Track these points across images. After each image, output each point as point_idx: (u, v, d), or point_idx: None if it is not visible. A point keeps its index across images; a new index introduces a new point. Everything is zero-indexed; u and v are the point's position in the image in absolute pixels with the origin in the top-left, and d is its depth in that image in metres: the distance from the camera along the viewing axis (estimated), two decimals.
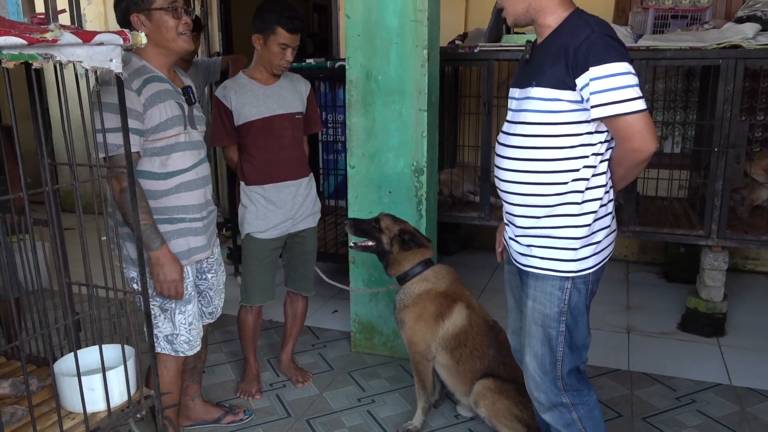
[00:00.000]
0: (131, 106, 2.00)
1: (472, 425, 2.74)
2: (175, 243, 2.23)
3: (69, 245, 2.14)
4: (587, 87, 1.72)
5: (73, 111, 1.81)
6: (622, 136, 1.76)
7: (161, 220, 2.18)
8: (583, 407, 1.99)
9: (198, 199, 2.28)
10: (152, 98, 2.08)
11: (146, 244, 2.08)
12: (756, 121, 4.47)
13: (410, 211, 3.17)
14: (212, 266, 2.44)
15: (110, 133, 1.96)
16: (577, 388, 2.00)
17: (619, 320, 3.86)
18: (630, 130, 1.72)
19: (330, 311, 4.03)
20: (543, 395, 2.00)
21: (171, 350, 2.28)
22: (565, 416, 1.99)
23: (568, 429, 2.00)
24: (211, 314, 2.50)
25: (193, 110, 2.26)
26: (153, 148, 2.13)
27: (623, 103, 1.69)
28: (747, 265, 4.76)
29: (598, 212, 1.87)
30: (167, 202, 2.20)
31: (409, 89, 3.04)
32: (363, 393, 3.04)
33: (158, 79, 2.12)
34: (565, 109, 1.79)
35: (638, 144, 1.74)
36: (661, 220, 3.83)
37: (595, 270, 1.92)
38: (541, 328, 1.95)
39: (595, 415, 2.01)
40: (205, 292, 2.44)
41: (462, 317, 2.59)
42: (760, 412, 2.82)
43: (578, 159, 1.83)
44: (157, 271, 2.13)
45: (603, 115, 1.72)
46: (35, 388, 2.03)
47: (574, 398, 1.99)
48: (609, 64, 1.69)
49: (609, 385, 3.06)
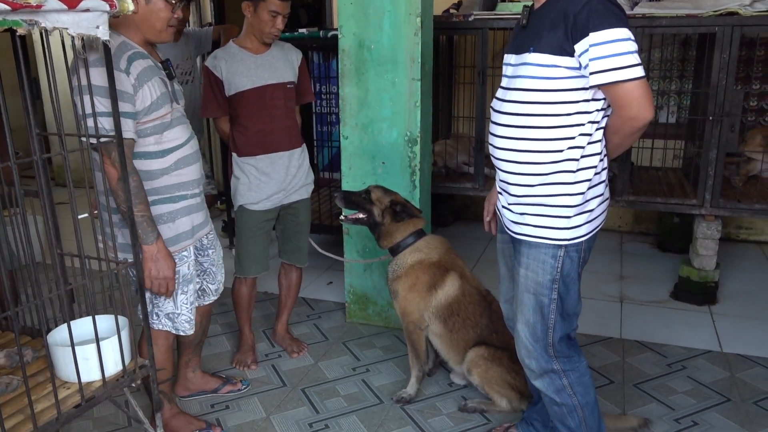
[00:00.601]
0: (122, 88, 1.95)
1: (465, 392, 2.78)
2: (179, 222, 2.21)
3: (61, 219, 2.14)
4: (586, 53, 1.70)
5: (63, 82, 1.79)
6: (619, 103, 1.74)
7: (164, 200, 2.16)
8: (574, 373, 2.02)
9: (195, 173, 2.26)
10: (141, 77, 2.02)
11: (141, 237, 2.03)
12: (751, 89, 4.45)
13: (404, 182, 3.16)
14: (213, 242, 2.43)
15: (101, 118, 1.91)
16: (568, 355, 2.02)
17: (612, 289, 3.89)
18: (628, 98, 1.71)
19: (325, 283, 4.05)
20: (534, 362, 2.02)
21: (172, 328, 2.28)
22: (555, 382, 2.02)
23: (559, 395, 2.02)
24: (216, 291, 2.50)
25: (174, 84, 2.22)
26: (146, 128, 2.08)
27: (622, 69, 1.67)
28: (740, 234, 4.79)
29: (593, 180, 1.87)
30: (167, 180, 2.16)
31: (402, 58, 3.01)
32: (358, 362, 3.07)
33: (141, 56, 2.05)
34: (563, 76, 1.77)
35: (635, 112, 1.72)
36: (655, 190, 3.84)
37: (588, 238, 1.92)
38: (533, 296, 1.96)
39: (585, 381, 2.04)
40: (209, 270, 2.44)
41: (455, 287, 2.60)
42: (750, 378, 2.86)
43: (574, 127, 1.82)
44: (150, 266, 2.07)
45: (601, 82, 1.70)
46: (30, 359, 2.05)
47: (564, 365, 2.01)
48: (609, 30, 1.67)
49: (602, 353, 3.10)
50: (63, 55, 1.75)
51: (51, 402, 1.81)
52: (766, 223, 4.69)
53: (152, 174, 2.12)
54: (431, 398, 2.75)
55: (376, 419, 2.60)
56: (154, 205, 2.12)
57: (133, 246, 1.96)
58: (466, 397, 2.73)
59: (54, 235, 2.03)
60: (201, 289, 2.45)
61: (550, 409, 2.09)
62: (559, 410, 2.05)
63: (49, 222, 1.96)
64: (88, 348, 1.87)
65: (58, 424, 1.76)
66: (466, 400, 2.70)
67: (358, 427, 2.55)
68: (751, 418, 2.56)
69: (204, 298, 2.47)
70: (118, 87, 1.92)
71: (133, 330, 2.03)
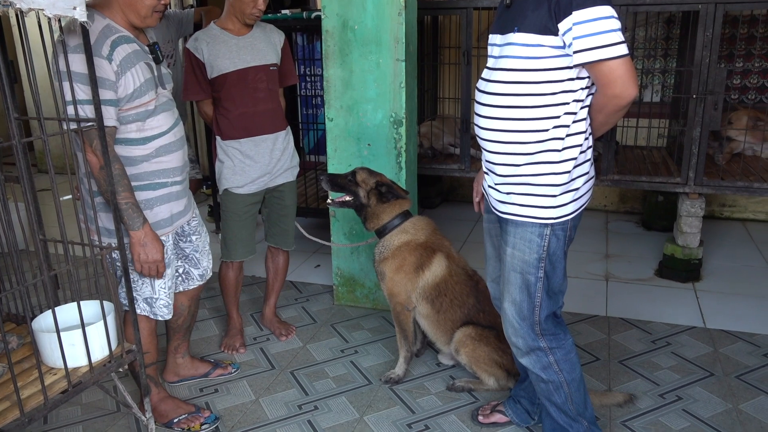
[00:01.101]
0: (103, 75, 1.92)
1: (453, 372, 2.80)
2: (158, 210, 2.19)
3: (44, 206, 2.11)
4: (570, 32, 1.69)
5: (41, 65, 1.76)
6: (603, 82, 1.74)
7: (143, 187, 2.14)
8: (560, 351, 2.04)
9: (178, 161, 2.24)
10: (124, 63, 1.98)
11: (127, 224, 2.02)
12: (735, 67, 4.47)
13: (390, 164, 3.15)
14: (196, 228, 2.41)
15: (82, 106, 1.88)
16: (554, 333, 2.04)
17: (597, 268, 3.92)
18: (611, 76, 1.71)
19: (312, 266, 4.05)
20: (521, 340, 2.04)
21: (150, 313, 2.28)
22: (542, 360, 2.04)
23: (546, 372, 2.05)
24: (201, 276, 2.49)
25: (161, 69, 2.19)
26: (128, 116, 2.05)
27: (606, 48, 1.67)
28: (723, 212, 4.84)
29: (578, 159, 1.88)
30: (148, 167, 2.14)
31: (386, 39, 2.99)
32: (346, 344, 3.08)
33: (126, 40, 2.01)
34: (547, 55, 1.77)
35: (619, 90, 1.73)
36: (640, 169, 3.86)
37: (574, 216, 1.93)
38: (519, 275, 1.97)
39: (571, 358, 2.06)
40: (191, 255, 2.43)
41: (441, 268, 2.61)
42: (732, 353, 2.90)
43: (559, 106, 1.82)
44: (138, 250, 2.07)
45: (585, 60, 1.70)
46: (15, 346, 2.03)
47: (551, 342, 2.03)
48: (593, 8, 1.67)
49: (587, 331, 3.13)
50: (40, 38, 1.72)
51: (37, 388, 1.81)
52: (748, 200, 4.75)
53: (132, 160, 2.10)
54: (419, 378, 2.77)
55: (365, 400, 2.62)
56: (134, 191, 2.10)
57: (117, 231, 1.94)
58: (454, 377, 2.75)
59: (36, 221, 2.01)
60: (185, 272, 2.44)
61: (537, 386, 2.11)
62: (546, 387, 2.07)
63: (31, 207, 1.93)
64: (74, 333, 1.86)
65: (45, 409, 1.76)
66: (454, 379, 2.73)
67: (347, 407, 2.57)
68: (733, 392, 2.60)
69: (188, 282, 2.46)
70: (100, 74, 1.89)
71: (119, 315, 2.02)
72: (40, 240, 2.01)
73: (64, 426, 2.47)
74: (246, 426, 2.45)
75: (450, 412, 2.52)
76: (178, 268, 2.40)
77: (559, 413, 2.10)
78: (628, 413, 2.47)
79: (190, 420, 2.43)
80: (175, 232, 2.30)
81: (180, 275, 2.42)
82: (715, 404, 2.53)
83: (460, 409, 2.54)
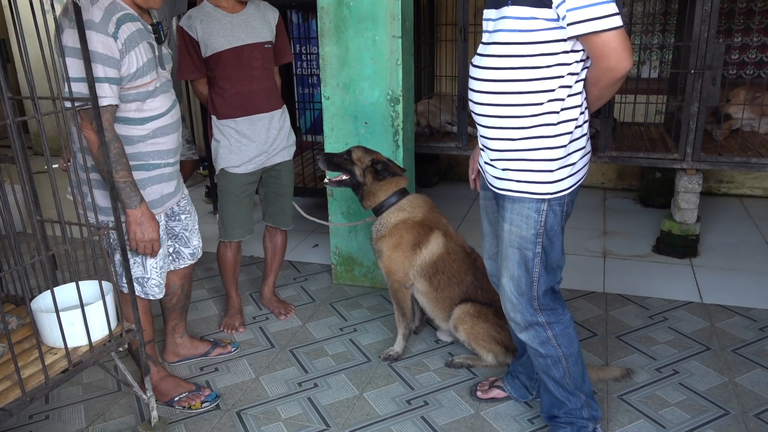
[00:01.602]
0: (108, 53, 1.91)
1: (451, 349, 2.82)
2: (149, 191, 2.19)
3: (41, 188, 2.10)
4: (564, 3, 1.67)
5: (33, 45, 1.74)
6: (597, 54, 1.73)
7: (137, 167, 2.13)
8: (558, 325, 2.05)
9: (173, 143, 2.23)
10: (128, 42, 1.97)
11: (125, 202, 2.03)
12: (733, 42, 4.44)
13: (387, 142, 3.14)
14: (185, 208, 2.42)
15: (81, 83, 1.87)
16: (552, 308, 2.04)
17: (595, 245, 3.93)
18: (606, 49, 1.69)
19: (311, 245, 4.05)
20: (519, 315, 2.05)
21: (141, 293, 2.28)
22: (540, 335, 2.05)
23: (544, 347, 2.06)
24: (192, 255, 2.49)
25: (162, 49, 2.17)
26: (128, 95, 2.04)
27: (600, 20, 1.66)
28: (721, 188, 4.84)
29: (574, 133, 1.87)
30: (143, 148, 2.14)
31: (382, 15, 2.96)
32: (345, 323, 3.09)
33: (130, 18, 1.99)
34: (541, 28, 1.75)
35: (614, 62, 1.71)
36: (637, 145, 3.85)
37: (571, 191, 1.93)
38: (517, 251, 1.98)
39: (569, 333, 2.07)
40: (180, 234, 2.43)
41: (439, 245, 2.61)
42: (729, 327, 2.93)
43: (554, 79, 1.80)
44: (134, 229, 2.08)
45: (579, 32, 1.68)
46: (15, 326, 2.04)
47: (549, 317, 2.04)
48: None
49: (585, 307, 3.15)
50: (32, 17, 1.70)
51: (38, 368, 1.82)
52: (746, 176, 4.75)
53: (129, 140, 2.10)
54: (418, 355, 2.79)
55: (365, 377, 2.63)
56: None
57: (114, 210, 1.94)
58: (453, 354, 2.77)
59: (33, 201, 2.00)
60: (175, 251, 2.44)
61: (535, 360, 2.13)
62: (544, 362, 2.09)
63: (27, 188, 1.93)
64: (74, 313, 1.87)
65: (46, 388, 1.77)
66: (452, 356, 2.74)
67: (347, 384, 2.59)
68: (729, 366, 2.63)
69: (179, 261, 2.47)
70: (106, 52, 1.89)
71: (117, 294, 2.03)
72: (37, 221, 2.00)
73: (66, 405, 2.48)
74: (246, 404, 2.47)
75: (449, 388, 2.54)
76: (169, 248, 2.40)
77: (557, 387, 2.12)
78: (626, 387, 2.50)
79: (191, 398, 2.45)
80: (164, 212, 2.30)
81: (170, 254, 2.43)
82: (711, 378, 2.55)
83: (459, 385, 2.56)
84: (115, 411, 2.45)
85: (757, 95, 3.93)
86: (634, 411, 2.36)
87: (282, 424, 2.35)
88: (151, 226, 2.10)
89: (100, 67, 1.89)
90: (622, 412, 2.36)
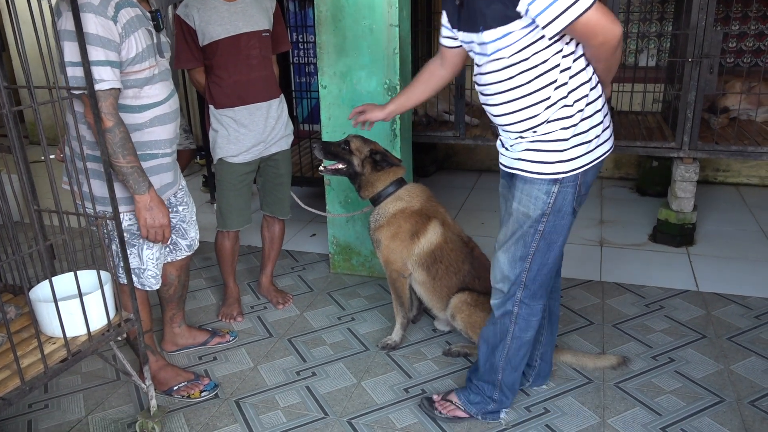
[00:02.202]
0: (109, 36, 1.90)
1: (449, 338, 2.83)
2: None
3: (38, 178, 2.10)
4: (530, 11, 1.71)
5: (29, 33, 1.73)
6: (586, 36, 1.76)
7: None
8: (526, 308, 2.08)
9: (170, 133, 2.23)
10: (128, 26, 1.96)
11: (133, 188, 2.02)
12: (730, 30, 4.43)
13: (384, 131, 3.14)
14: (183, 199, 2.41)
15: (86, 67, 1.85)
16: (533, 292, 2.07)
17: (592, 234, 3.94)
18: (590, 29, 1.72)
19: (308, 235, 4.05)
20: (506, 285, 2.08)
21: (138, 283, 2.28)
22: (506, 306, 2.10)
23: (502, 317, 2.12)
24: (189, 246, 2.49)
25: (160, 37, 2.16)
26: (126, 81, 2.03)
27: (571, 8, 1.68)
28: (717, 177, 4.85)
29: (585, 111, 1.88)
30: (141, 137, 2.12)
31: (380, 3, 2.94)
32: (343, 312, 3.10)
33: (129, 4, 1.99)
34: (521, 36, 1.79)
35: (603, 36, 1.74)
36: (634, 134, 3.85)
37: (586, 170, 1.94)
38: (518, 226, 2.01)
39: (531, 321, 2.10)
40: (178, 225, 2.43)
41: (437, 234, 2.62)
42: (724, 315, 2.94)
43: (552, 71, 1.83)
44: (144, 215, 2.07)
45: (558, 29, 1.71)
46: (13, 316, 2.04)
47: (525, 298, 2.07)
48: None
49: (581, 296, 3.16)
50: (28, 5, 1.69)
51: (37, 357, 1.82)
52: (742, 165, 4.76)
53: (127, 128, 2.08)
54: (416, 344, 2.80)
55: (362, 366, 2.65)
56: None
57: (112, 200, 1.93)
58: (450, 342, 2.78)
59: (30, 191, 2.00)
60: (173, 243, 2.44)
61: (488, 326, 2.19)
62: (493, 329, 2.16)
63: (24, 177, 1.92)
64: (72, 303, 1.87)
65: (45, 378, 1.78)
66: (450, 344, 2.76)
67: (345, 373, 2.60)
68: (725, 353, 2.65)
69: (176, 253, 2.47)
70: (106, 35, 1.89)
71: (115, 284, 2.03)
72: (35, 210, 2.00)
73: (65, 394, 2.49)
74: (245, 393, 2.49)
75: (446, 377, 2.56)
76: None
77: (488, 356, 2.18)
78: (622, 375, 2.51)
79: (190, 387, 2.46)
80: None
81: (167, 246, 2.43)
82: (707, 365, 2.57)
83: (456, 374, 2.57)
84: (114, 400, 2.46)
85: (753, 84, 3.93)
86: (630, 398, 2.38)
87: (281, 412, 2.36)
88: (161, 211, 2.10)
89: (101, 51, 1.88)
90: (618, 400, 2.37)
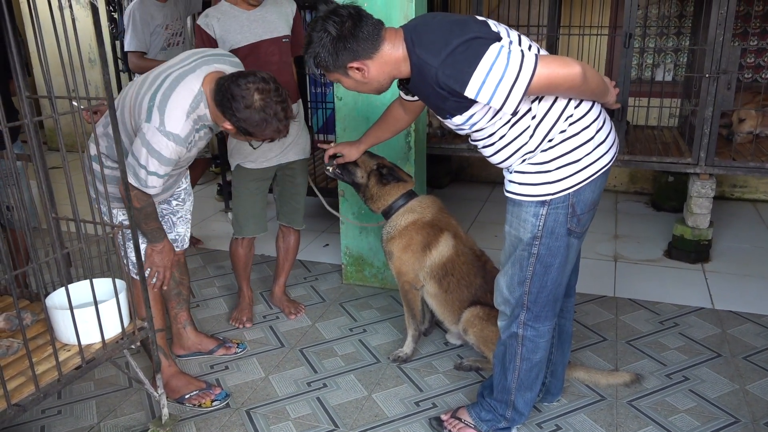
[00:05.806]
0: (176, 158, 2.07)
1: (460, 351, 2.82)
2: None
3: (55, 184, 2.13)
4: (478, 101, 1.72)
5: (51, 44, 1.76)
6: (547, 91, 1.77)
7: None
8: (532, 330, 2.06)
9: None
10: (195, 143, 2.15)
11: (151, 240, 2.19)
12: (749, 45, 4.41)
13: (399, 144, 3.14)
14: (178, 195, 2.46)
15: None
16: (537, 314, 2.05)
17: (606, 249, 3.92)
18: (547, 84, 1.71)
19: (321, 245, 4.06)
20: (508, 309, 2.08)
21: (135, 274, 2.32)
22: (512, 328, 2.08)
23: (509, 340, 2.11)
24: (174, 241, 2.50)
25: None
26: None
27: (517, 80, 1.66)
28: (734, 192, 4.81)
29: (568, 131, 1.87)
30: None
31: (396, 15, 2.96)
32: (354, 323, 3.10)
33: (203, 127, 2.15)
34: (485, 112, 1.82)
35: (565, 84, 1.73)
36: (650, 149, 3.83)
37: (578, 189, 1.91)
38: (513, 250, 2.01)
39: (538, 342, 2.08)
40: (167, 217, 2.46)
41: (449, 247, 2.61)
42: (740, 334, 2.91)
43: (522, 119, 1.85)
44: (154, 257, 2.23)
45: (514, 105, 1.71)
46: (29, 322, 2.06)
47: (528, 318, 2.05)
48: (473, 78, 1.67)
49: (595, 311, 3.14)
50: (50, 16, 1.72)
51: (52, 364, 1.84)
52: (760, 181, 4.71)
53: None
54: (427, 357, 2.79)
55: (374, 378, 2.64)
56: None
57: (128, 210, 1.95)
58: (462, 356, 2.77)
59: (48, 199, 2.03)
60: None
61: (497, 347, 2.19)
62: (502, 350, 2.15)
63: (43, 185, 1.95)
64: (87, 311, 1.89)
65: (59, 385, 1.79)
66: (461, 358, 2.75)
67: (356, 385, 2.60)
68: (741, 373, 2.61)
69: None
70: (174, 157, 2.05)
71: (130, 292, 2.04)
72: (53, 218, 2.03)
73: (78, 401, 2.51)
74: (256, 403, 2.49)
75: (458, 391, 2.55)
76: None
77: (501, 375, 2.16)
78: (635, 393, 2.49)
79: (201, 396, 2.46)
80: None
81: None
82: (722, 385, 2.54)
83: (468, 388, 2.56)
84: (127, 407, 2.47)
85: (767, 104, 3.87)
86: (644, 417, 2.35)
87: (291, 423, 2.36)
88: (168, 256, 2.25)
89: (163, 168, 2.03)
90: (631, 418, 2.35)
